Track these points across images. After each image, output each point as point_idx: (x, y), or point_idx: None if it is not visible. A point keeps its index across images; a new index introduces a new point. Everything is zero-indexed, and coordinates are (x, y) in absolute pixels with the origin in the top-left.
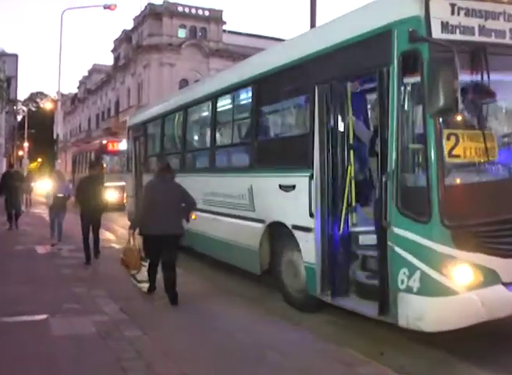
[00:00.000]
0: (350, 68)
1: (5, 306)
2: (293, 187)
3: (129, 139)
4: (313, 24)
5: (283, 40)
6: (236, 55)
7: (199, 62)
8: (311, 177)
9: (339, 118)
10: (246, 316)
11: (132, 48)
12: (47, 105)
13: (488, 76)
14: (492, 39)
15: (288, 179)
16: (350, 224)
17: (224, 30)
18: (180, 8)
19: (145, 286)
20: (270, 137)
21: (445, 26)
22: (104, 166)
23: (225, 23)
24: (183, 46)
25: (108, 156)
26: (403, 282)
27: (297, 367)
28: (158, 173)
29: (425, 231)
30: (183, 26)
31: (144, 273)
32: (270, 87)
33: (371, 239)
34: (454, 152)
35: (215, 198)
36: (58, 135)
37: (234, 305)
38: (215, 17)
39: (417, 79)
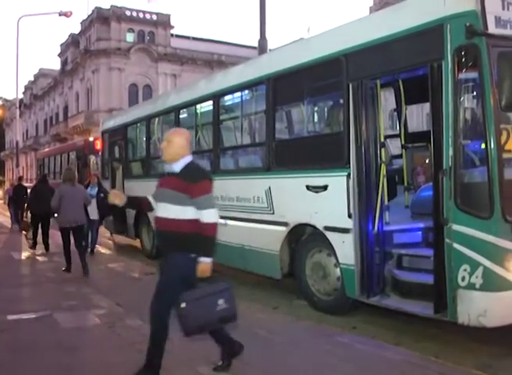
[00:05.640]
0: (391, 64)
1: (5, 306)
2: (325, 187)
3: (103, 144)
4: (262, 27)
5: (231, 43)
6: (185, 59)
7: (148, 66)
8: (349, 177)
9: (373, 116)
10: None
11: (80, 52)
12: None
13: None
14: None
15: (318, 179)
16: (384, 223)
17: (172, 35)
18: (128, 13)
19: (30, 242)
20: (292, 137)
21: (498, 21)
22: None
23: (173, 27)
24: (132, 50)
25: (96, 157)
26: (463, 279)
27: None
28: (40, 181)
29: (487, 227)
30: (131, 31)
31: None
32: (292, 84)
33: (406, 237)
34: (509, 147)
35: (222, 202)
36: (17, 142)
37: None
38: (163, 21)
39: (474, 73)
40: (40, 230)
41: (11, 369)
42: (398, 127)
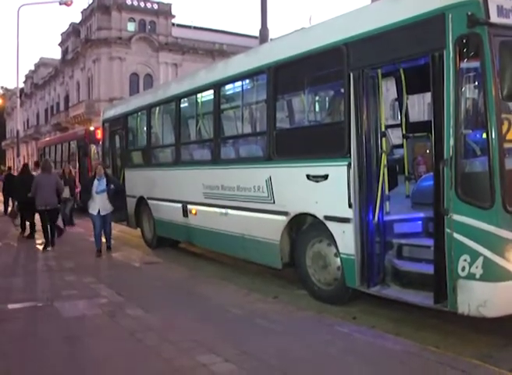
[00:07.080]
0: (392, 53)
1: (6, 295)
2: (325, 176)
3: (104, 133)
4: (264, 17)
5: (232, 33)
6: (186, 48)
7: (149, 56)
8: (349, 166)
9: (374, 105)
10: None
11: (81, 41)
12: None
13: None
14: None
15: (318, 169)
16: (384, 213)
17: (173, 24)
18: (129, 2)
19: (18, 228)
20: (293, 126)
21: (500, 10)
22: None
23: (174, 16)
24: (133, 40)
25: (97, 146)
26: (463, 269)
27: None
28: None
29: (488, 217)
30: (132, 20)
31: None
32: (293, 73)
33: (406, 227)
34: (510, 137)
35: (222, 191)
36: (18, 131)
37: (220, 286)
38: (164, 11)
39: (475, 63)
40: (34, 221)
41: (11, 359)
42: (399, 117)
